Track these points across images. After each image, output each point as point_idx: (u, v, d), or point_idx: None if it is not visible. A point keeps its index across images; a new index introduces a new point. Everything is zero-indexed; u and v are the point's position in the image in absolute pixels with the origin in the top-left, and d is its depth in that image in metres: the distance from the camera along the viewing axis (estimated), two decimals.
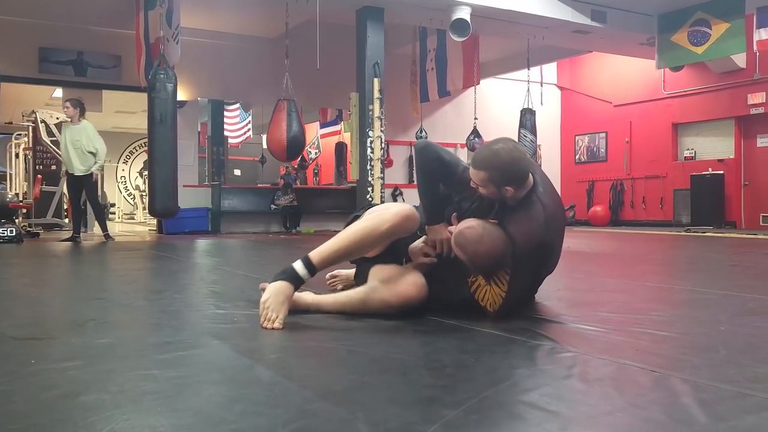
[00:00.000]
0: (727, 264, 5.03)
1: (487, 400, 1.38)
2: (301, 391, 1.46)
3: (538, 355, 1.82)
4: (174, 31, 7.92)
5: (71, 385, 1.50)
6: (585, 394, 1.45)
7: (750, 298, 2.92)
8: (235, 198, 10.91)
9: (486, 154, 2.26)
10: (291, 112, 8.39)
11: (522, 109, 11.20)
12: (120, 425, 1.21)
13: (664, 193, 12.51)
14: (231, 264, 5.00)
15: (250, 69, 10.92)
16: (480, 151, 2.32)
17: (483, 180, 2.24)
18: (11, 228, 7.34)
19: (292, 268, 2.22)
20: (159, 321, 2.41)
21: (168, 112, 7.45)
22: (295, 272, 2.21)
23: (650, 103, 12.74)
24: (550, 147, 14.34)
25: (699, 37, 9.56)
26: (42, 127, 10.49)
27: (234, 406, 1.34)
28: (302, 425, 1.23)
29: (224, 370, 1.69)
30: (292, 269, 2.22)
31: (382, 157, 8.69)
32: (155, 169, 7.55)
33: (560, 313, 2.52)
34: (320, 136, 15.37)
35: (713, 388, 1.46)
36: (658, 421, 1.27)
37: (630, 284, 3.66)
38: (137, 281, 3.90)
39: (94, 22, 9.79)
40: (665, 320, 2.48)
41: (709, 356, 1.82)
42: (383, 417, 1.28)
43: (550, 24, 9.52)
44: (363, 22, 8.74)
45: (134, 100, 11.90)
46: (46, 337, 2.13)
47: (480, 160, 2.25)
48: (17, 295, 3.25)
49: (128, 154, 20.30)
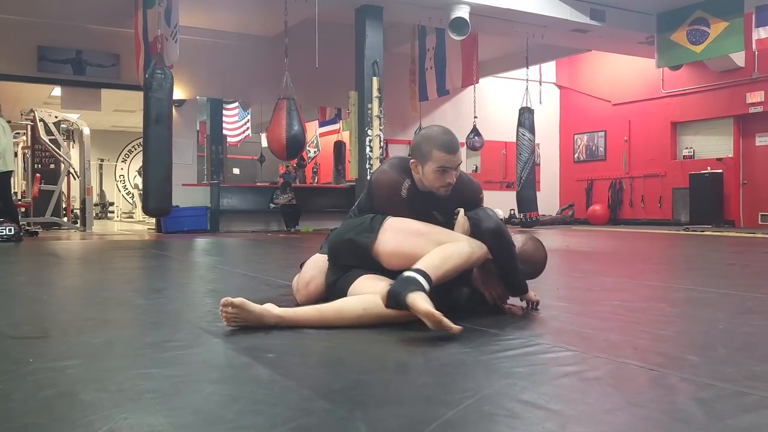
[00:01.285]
0: (726, 263, 5.03)
1: (486, 398, 1.38)
2: (300, 389, 1.46)
3: (537, 353, 1.82)
4: (173, 29, 7.91)
5: (69, 383, 1.50)
6: (584, 393, 1.45)
7: (748, 297, 2.92)
8: (234, 197, 10.90)
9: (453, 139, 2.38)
10: (291, 111, 8.38)
11: (521, 107, 11.18)
12: (118, 424, 1.21)
13: (663, 192, 12.52)
14: (230, 263, 5.00)
15: (249, 68, 10.91)
16: (445, 138, 2.37)
17: (460, 155, 2.38)
18: (10, 227, 7.33)
19: (416, 280, 2.01)
20: (157, 320, 2.41)
21: (164, 112, 7.44)
22: (420, 284, 2.01)
23: (649, 101, 12.74)
24: (549, 146, 14.35)
25: (698, 35, 9.56)
26: (41, 125, 10.47)
27: (233, 405, 1.34)
28: (301, 424, 1.23)
29: (223, 368, 1.69)
30: (416, 280, 2.01)
31: (381, 156, 8.69)
32: (149, 168, 7.55)
33: (559, 311, 2.52)
34: (319, 134, 15.35)
35: (712, 387, 1.46)
36: (657, 420, 1.27)
37: (629, 283, 3.66)
38: (136, 280, 3.90)
39: (93, 20, 9.78)
40: (664, 319, 2.48)
41: (707, 355, 1.82)
42: (382, 416, 1.27)
43: (549, 23, 9.52)
44: (362, 21, 8.73)
45: (133, 98, 11.87)
46: (44, 335, 2.13)
47: (455, 142, 2.37)
48: (15, 294, 3.25)
49: (127, 153, 20.27)
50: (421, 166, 2.34)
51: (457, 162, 2.33)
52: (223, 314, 2.05)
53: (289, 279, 3.37)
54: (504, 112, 13.05)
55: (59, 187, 10.74)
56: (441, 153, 2.30)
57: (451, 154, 2.31)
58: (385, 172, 2.44)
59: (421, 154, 2.33)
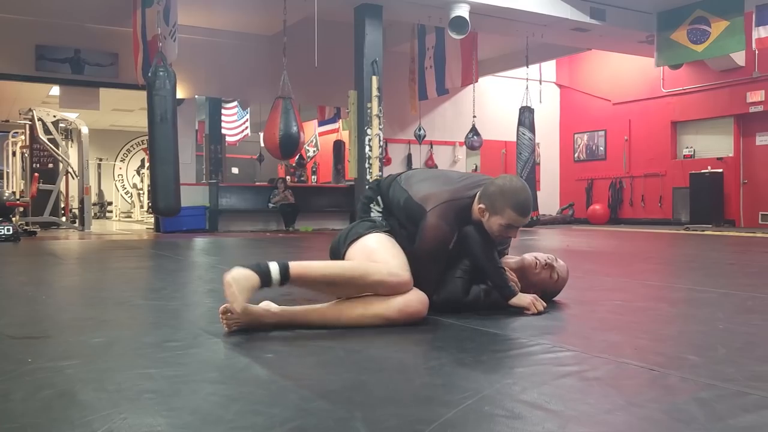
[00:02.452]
0: (726, 262, 5.03)
1: (486, 399, 1.38)
2: (299, 390, 1.46)
3: (537, 353, 1.81)
4: (171, 28, 7.90)
5: (68, 383, 1.49)
6: (584, 393, 1.45)
7: (748, 297, 2.92)
8: (233, 196, 10.90)
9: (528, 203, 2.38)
10: (286, 110, 8.35)
11: (521, 107, 11.19)
12: (117, 424, 1.21)
13: (663, 192, 12.52)
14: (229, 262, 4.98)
15: (248, 67, 10.90)
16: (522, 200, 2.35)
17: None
18: (8, 226, 7.32)
19: (266, 265, 2.05)
20: (156, 320, 2.41)
21: (168, 110, 7.43)
22: (269, 270, 2.03)
23: (649, 101, 12.74)
24: (549, 145, 14.34)
25: (698, 35, 9.56)
26: (39, 125, 10.46)
27: (231, 405, 1.34)
28: (300, 424, 1.22)
29: (222, 369, 1.68)
30: (267, 266, 2.04)
31: (380, 155, 8.69)
32: (157, 168, 7.51)
33: (559, 311, 2.51)
34: (318, 134, 15.35)
35: (712, 387, 1.46)
36: (657, 420, 1.26)
37: (629, 283, 3.66)
38: (135, 280, 3.89)
39: (91, 19, 9.77)
40: (664, 319, 2.48)
41: (707, 355, 1.82)
42: (381, 416, 1.27)
43: (549, 21, 9.52)
44: (361, 20, 8.73)
45: (131, 97, 11.87)
46: (43, 335, 2.12)
47: (529, 206, 2.38)
48: (14, 294, 3.24)
49: (125, 152, 20.25)
50: (489, 215, 2.35)
51: (525, 222, 2.39)
52: (224, 322, 2.04)
53: None
54: (504, 112, 13.04)
55: (57, 187, 10.73)
56: (514, 214, 2.32)
57: (524, 217, 2.34)
58: (439, 227, 2.36)
59: (492, 205, 2.33)
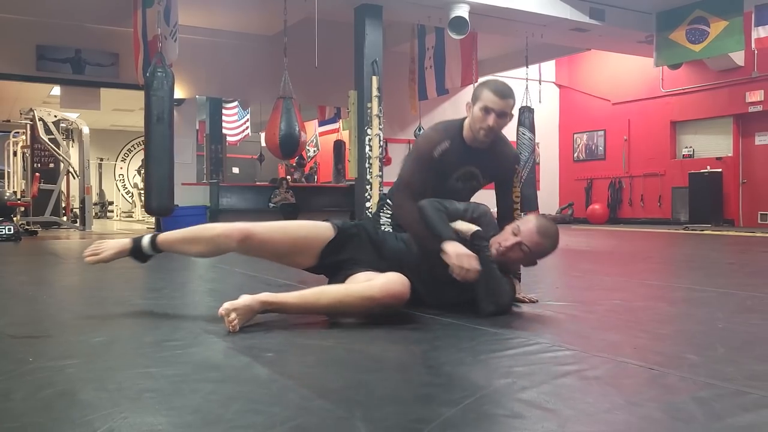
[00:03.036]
0: (725, 262, 5.04)
1: (486, 398, 1.38)
2: (299, 389, 1.46)
3: (537, 353, 1.82)
4: (172, 28, 7.90)
5: (69, 383, 1.50)
6: (583, 392, 1.45)
7: (748, 296, 2.92)
8: (234, 196, 10.91)
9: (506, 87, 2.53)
10: (287, 110, 8.35)
11: (520, 107, 11.18)
12: (118, 423, 1.21)
13: (663, 191, 12.52)
14: (229, 262, 4.99)
15: (249, 67, 10.90)
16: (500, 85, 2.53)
17: (510, 107, 2.51)
18: (9, 226, 7.32)
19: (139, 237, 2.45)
20: (157, 319, 2.41)
21: (165, 110, 7.43)
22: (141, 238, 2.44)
23: (648, 101, 12.74)
24: (549, 145, 14.34)
25: (697, 34, 9.56)
26: (40, 125, 10.45)
27: (232, 404, 1.34)
28: (300, 423, 1.22)
29: (222, 368, 1.68)
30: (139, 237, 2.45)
31: (380, 155, 8.68)
32: (152, 167, 7.54)
33: (558, 310, 2.51)
34: (318, 134, 15.35)
35: (711, 386, 1.46)
36: (656, 419, 1.27)
37: (628, 282, 3.66)
38: (135, 279, 3.89)
39: (92, 19, 9.77)
40: (663, 318, 2.48)
41: (706, 354, 1.82)
42: (381, 415, 1.27)
43: (549, 22, 9.52)
44: (361, 20, 8.72)
45: (132, 97, 11.85)
46: (43, 335, 2.12)
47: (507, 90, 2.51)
48: (15, 294, 3.25)
49: (126, 152, 20.25)
50: (472, 105, 2.55)
51: (502, 107, 2.49)
52: (228, 325, 2.04)
53: (288, 278, 3.38)
54: None
55: (58, 187, 10.73)
56: (489, 93, 2.50)
57: (498, 97, 2.49)
58: (428, 130, 2.66)
59: (474, 95, 2.56)
